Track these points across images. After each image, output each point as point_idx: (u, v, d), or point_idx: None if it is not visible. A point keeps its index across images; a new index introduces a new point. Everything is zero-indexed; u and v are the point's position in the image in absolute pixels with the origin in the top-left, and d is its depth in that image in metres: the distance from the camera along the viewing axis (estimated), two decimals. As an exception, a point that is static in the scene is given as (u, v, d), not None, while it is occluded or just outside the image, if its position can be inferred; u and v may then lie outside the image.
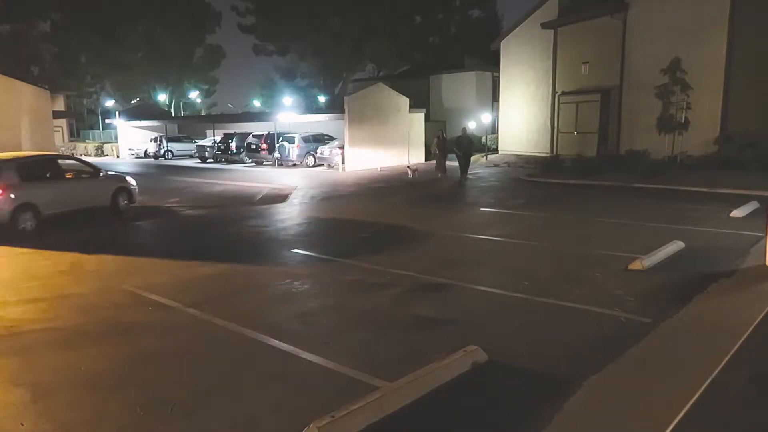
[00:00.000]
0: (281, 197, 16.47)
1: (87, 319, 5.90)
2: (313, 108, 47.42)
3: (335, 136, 28.38)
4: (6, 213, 10.68)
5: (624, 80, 22.83)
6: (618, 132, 23.26)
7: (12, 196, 10.74)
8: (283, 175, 23.86)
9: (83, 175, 12.97)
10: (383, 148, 27.66)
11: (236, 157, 30.90)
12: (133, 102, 50.20)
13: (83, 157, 40.50)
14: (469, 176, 19.83)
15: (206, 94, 62.42)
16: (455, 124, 37.88)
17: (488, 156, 28.83)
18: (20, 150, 17.69)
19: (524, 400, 4.00)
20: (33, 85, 19.98)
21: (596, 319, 5.55)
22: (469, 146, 19.75)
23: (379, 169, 25.38)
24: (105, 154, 41.94)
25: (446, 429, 3.68)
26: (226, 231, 11.44)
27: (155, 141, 36.93)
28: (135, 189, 13.69)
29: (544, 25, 26.22)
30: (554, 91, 26.44)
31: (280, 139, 28.37)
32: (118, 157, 39.97)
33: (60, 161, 12.84)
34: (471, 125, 35.16)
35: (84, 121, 59.35)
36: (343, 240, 10.14)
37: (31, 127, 18.33)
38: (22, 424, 3.79)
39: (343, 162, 25.90)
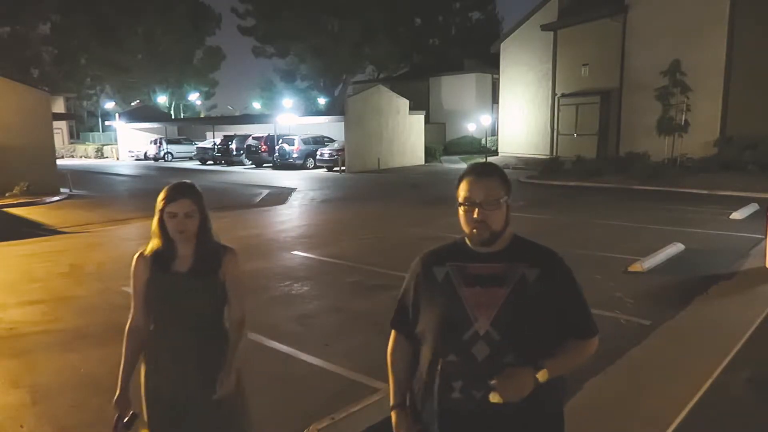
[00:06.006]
0: (281, 199, 16.48)
1: (87, 321, 5.90)
2: (313, 110, 47.43)
3: (335, 138, 28.42)
4: None
5: (624, 82, 22.87)
6: (618, 134, 23.29)
7: None
8: (283, 177, 23.86)
9: None
10: (383, 150, 27.68)
11: (236, 159, 30.92)
12: (132, 104, 50.20)
13: (83, 160, 40.50)
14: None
15: (206, 96, 62.41)
16: (455, 126, 37.95)
17: (488, 158, 28.86)
18: (22, 152, 17.67)
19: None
20: (33, 87, 19.94)
21: (596, 321, 5.54)
22: None
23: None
24: (105, 156, 41.94)
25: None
26: (227, 232, 11.43)
27: (155, 143, 36.96)
28: None
29: (544, 27, 26.26)
30: (554, 93, 26.47)
31: (280, 141, 28.39)
32: (117, 159, 39.98)
33: None
34: (471, 127, 35.24)
35: (84, 123, 59.33)
36: (343, 242, 10.13)
37: (31, 129, 18.29)
38: (21, 426, 3.79)
39: (342, 164, 25.93)
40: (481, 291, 1.74)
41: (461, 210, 1.79)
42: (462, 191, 1.79)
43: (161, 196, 2.26)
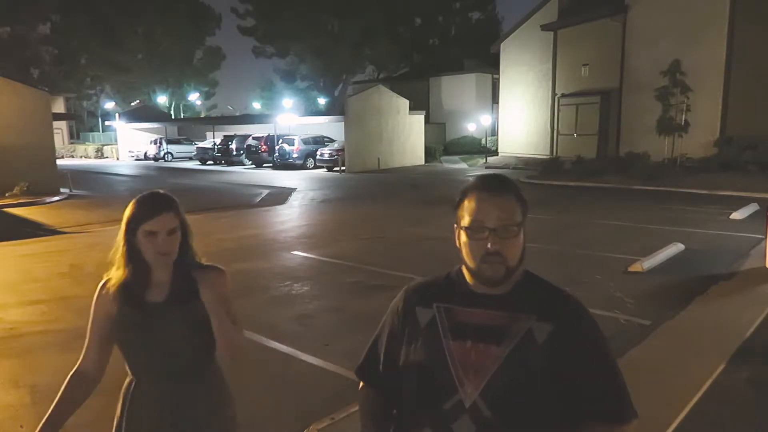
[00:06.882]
0: (281, 199, 16.47)
1: (87, 321, 5.89)
2: (313, 110, 47.44)
3: (335, 138, 28.44)
4: None
5: (624, 82, 22.87)
6: (618, 134, 23.29)
7: None
8: (283, 177, 23.86)
9: None
10: (383, 150, 27.68)
11: (236, 159, 30.93)
12: (132, 104, 50.21)
13: (83, 160, 40.47)
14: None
15: (206, 96, 62.44)
16: (455, 126, 37.96)
17: (488, 158, 28.86)
18: (22, 152, 17.67)
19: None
20: (33, 87, 19.95)
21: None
22: None
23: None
24: (105, 156, 41.95)
25: (446, 431, 3.67)
26: (227, 232, 11.44)
27: (155, 143, 36.98)
28: None
29: (544, 27, 26.27)
30: (554, 93, 26.47)
31: (280, 141, 28.39)
32: (117, 159, 39.98)
33: None
34: (471, 127, 35.25)
35: (84, 123, 59.36)
36: (343, 242, 10.13)
37: (31, 129, 18.30)
38: (21, 426, 3.79)
39: (342, 164, 25.93)
40: (471, 346, 1.29)
41: (465, 237, 1.31)
42: (467, 212, 1.30)
43: (131, 210, 1.84)
